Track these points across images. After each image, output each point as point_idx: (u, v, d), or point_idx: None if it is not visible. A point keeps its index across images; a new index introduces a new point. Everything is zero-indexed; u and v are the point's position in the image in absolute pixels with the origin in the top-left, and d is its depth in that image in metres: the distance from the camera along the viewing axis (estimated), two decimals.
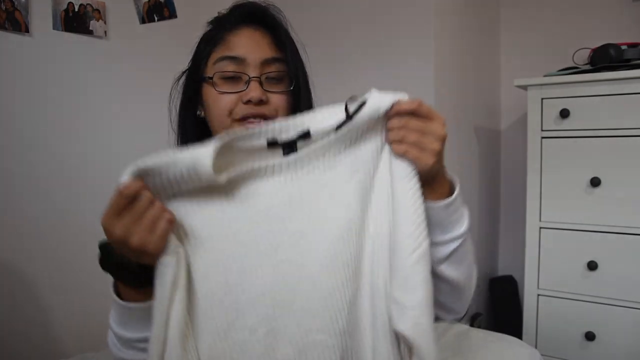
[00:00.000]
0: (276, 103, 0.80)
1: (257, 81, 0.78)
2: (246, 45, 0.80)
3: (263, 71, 0.79)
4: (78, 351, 1.47)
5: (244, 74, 0.79)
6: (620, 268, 1.63)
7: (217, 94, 0.79)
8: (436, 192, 0.70)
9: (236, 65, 0.79)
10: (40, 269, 1.49)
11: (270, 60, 0.80)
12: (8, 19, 1.40)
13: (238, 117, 0.78)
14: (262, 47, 0.80)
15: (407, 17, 1.83)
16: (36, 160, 1.49)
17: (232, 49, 0.80)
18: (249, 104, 0.78)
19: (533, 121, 1.76)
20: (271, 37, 0.82)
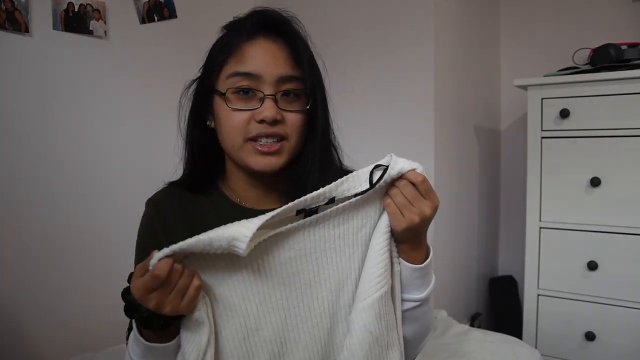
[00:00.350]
0: (291, 122, 0.77)
1: (272, 99, 0.75)
2: (262, 59, 0.75)
3: (279, 89, 0.76)
4: (78, 351, 1.47)
5: (259, 91, 0.75)
6: (620, 268, 1.64)
7: (230, 111, 0.76)
8: (408, 254, 0.73)
9: (250, 82, 0.75)
10: (40, 269, 1.49)
11: (286, 78, 0.76)
12: (8, 19, 1.40)
13: (251, 136, 0.76)
14: (278, 62, 0.76)
15: (407, 17, 1.83)
16: (36, 160, 1.49)
17: (246, 62, 0.75)
18: (262, 123, 0.75)
19: (533, 121, 1.76)
20: (289, 51, 0.78)
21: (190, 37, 1.85)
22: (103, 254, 1.62)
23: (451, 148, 1.94)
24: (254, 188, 0.85)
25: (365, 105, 1.91)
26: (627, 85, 1.59)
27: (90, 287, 1.60)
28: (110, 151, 1.66)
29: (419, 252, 0.74)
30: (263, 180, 0.84)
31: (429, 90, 1.80)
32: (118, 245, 1.60)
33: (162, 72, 1.78)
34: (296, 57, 0.78)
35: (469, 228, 2.14)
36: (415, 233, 0.71)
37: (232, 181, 0.86)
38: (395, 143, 1.87)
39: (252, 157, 0.77)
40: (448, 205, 1.93)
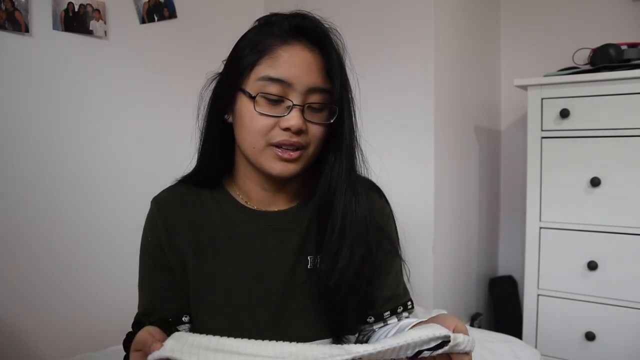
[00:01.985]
0: (312, 133, 0.77)
1: (299, 109, 0.75)
2: (296, 67, 0.74)
3: (307, 100, 0.75)
4: (78, 351, 1.47)
5: (288, 100, 0.75)
6: (620, 268, 1.64)
7: (256, 114, 0.75)
8: None
9: (281, 89, 0.74)
10: (40, 269, 1.49)
11: (316, 89, 0.76)
12: (8, 19, 1.40)
13: (274, 142, 0.75)
14: (312, 73, 0.75)
15: (407, 17, 1.83)
16: (36, 160, 1.49)
17: (279, 67, 0.74)
18: (287, 131, 0.74)
19: (533, 121, 1.76)
20: (323, 62, 0.77)
21: (190, 37, 1.85)
22: (103, 254, 1.62)
23: (451, 148, 1.94)
24: (263, 190, 0.85)
25: (365, 105, 1.90)
26: (627, 85, 1.59)
27: (91, 287, 1.60)
28: (110, 151, 1.66)
29: None
30: (274, 183, 0.84)
31: (429, 90, 1.80)
32: (119, 245, 1.61)
33: (162, 72, 1.78)
34: (329, 69, 0.77)
35: (469, 228, 2.14)
36: None
37: (241, 179, 0.86)
38: (396, 143, 1.88)
39: (271, 162, 0.77)
40: (448, 205, 1.93)
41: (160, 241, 0.83)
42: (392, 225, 0.91)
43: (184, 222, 0.83)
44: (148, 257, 0.84)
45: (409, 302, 0.91)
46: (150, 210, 0.86)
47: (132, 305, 0.86)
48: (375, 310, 0.87)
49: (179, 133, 1.80)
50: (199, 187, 0.86)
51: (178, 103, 1.79)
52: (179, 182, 0.88)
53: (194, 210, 0.84)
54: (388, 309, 0.87)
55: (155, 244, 0.83)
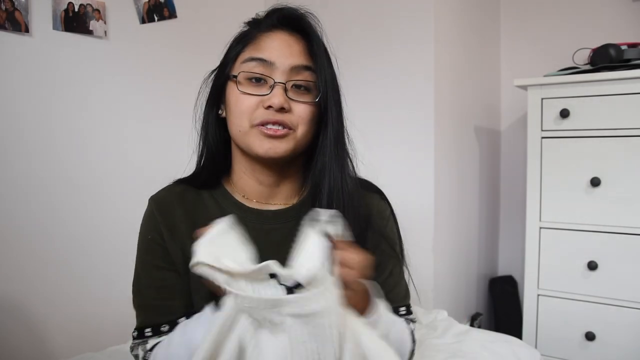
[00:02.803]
0: (298, 113, 0.77)
1: (282, 87, 0.76)
2: (277, 48, 0.77)
3: (290, 78, 0.77)
4: (78, 351, 1.47)
5: (270, 78, 0.76)
6: (620, 268, 1.64)
7: (239, 94, 0.77)
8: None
9: (263, 68, 0.76)
10: (40, 269, 1.49)
11: (299, 68, 0.77)
12: (8, 19, 1.40)
13: (257, 122, 0.76)
14: (293, 53, 0.78)
15: (407, 17, 1.83)
16: (36, 160, 1.49)
17: (262, 50, 0.77)
18: (269, 109, 0.75)
19: (533, 121, 1.76)
20: (305, 44, 0.79)
21: (190, 37, 1.85)
22: (103, 254, 1.62)
23: (451, 148, 1.94)
24: (260, 184, 0.85)
25: (365, 106, 1.91)
26: (627, 85, 1.59)
27: (91, 287, 1.60)
28: (110, 151, 1.66)
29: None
30: (270, 176, 0.84)
31: (429, 90, 1.80)
32: (119, 245, 1.60)
33: (162, 72, 1.78)
34: (311, 50, 0.79)
35: (469, 228, 2.14)
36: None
37: (237, 175, 0.86)
38: (395, 143, 1.88)
39: (257, 141, 0.77)
40: (448, 205, 1.93)
41: (162, 238, 0.82)
42: (391, 227, 0.90)
43: (183, 219, 0.83)
44: (150, 255, 0.83)
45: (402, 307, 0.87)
46: (148, 208, 0.86)
47: (132, 305, 0.86)
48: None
49: (179, 133, 1.79)
50: (198, 188, 0.87)
51: (178, 103, 1.79)
52: (176, 182, 0.89)
53: (193, 209, 0.84)
54: None
55: (157, 241, 0.83)
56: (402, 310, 0.87)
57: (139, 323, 0.83)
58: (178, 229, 0.82)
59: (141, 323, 0.82)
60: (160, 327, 0.81)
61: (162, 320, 0.81)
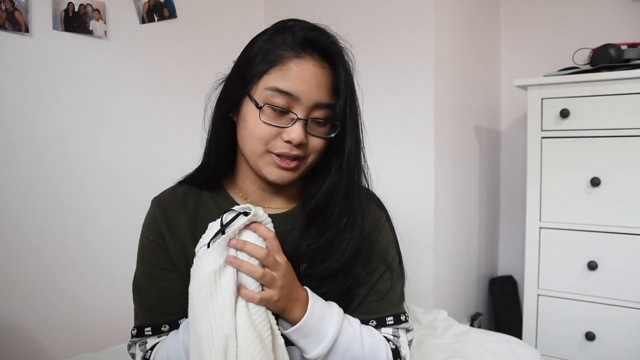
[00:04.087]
0: (313, 145, 0.78)
1: (302, 124, 0.76)
2: (305, 82, 0.75)
3: (311, 114, 0.77)
4: (78, 351, 1.47)
5: (292, 113, 0.76)
6: (620, 268, 1.64)
7: (260, 122, 0.76)
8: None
9: (287, 101, 0.75)
10: (40, 269, 1.49)
11: (322, 105, 0.77)
12: (8, 19, 1.40)
13: (274, 152, 0.77)
14: (320, 89, 0.76)
15: (407, 17, 1.83)
16: (36, 160, 1.49)
17: (288, 80, 0.75)
18: (288, 143, 0.76)
19: (533, 121, 1.76)
20: (332, 79, 0.77)
21: (190, 37, 1.85)
22: (104, 254, 1.62)
23: (451, 148, 1.94)
24: (262, 190, 0.86)
25: (365, 106, 1.90)
26: (627, 85, 1.59)
27: (91, 287, 1.60)
28: (110, 151, 1.66)
29: (292, 311, 0.76)
30: (272, 185, 0.85)
31: (429, 90, 1.80)
32: (119, 245, 1.60)
33: (162, 72, 1.78)
34: (337, 86, 0.78)
35: (469, 228, 2.14)
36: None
37: (240, 178, 0.87)
38: (395, 143, 1.88)
39: (268, 168, 0.78)
40: (448, 205, 1.93)
41: (164, 239, 0.83)
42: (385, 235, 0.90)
43: (184, 221, 0.83)
44: (151, 256, 0.84)
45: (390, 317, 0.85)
46: (150, 209, 0.86)
47: (132, 306, 0.86)
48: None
49: (178, 132, 1.80)
50: (200, 188, 0.87)
51: (178, 103, 1.80)
52: (179, 183, 0.89)
53: (195, 211, 0.85)
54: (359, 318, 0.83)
55: (158, 242, 0.83)
56: (389, 320, 0.85)
57: (139, 322, 0.83)
58: (179, 230, 0.83)
59: (141, 322, 0.83)
60: (160, 327, 0.81)
61: (162, 321, 0.82)
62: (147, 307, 0.83)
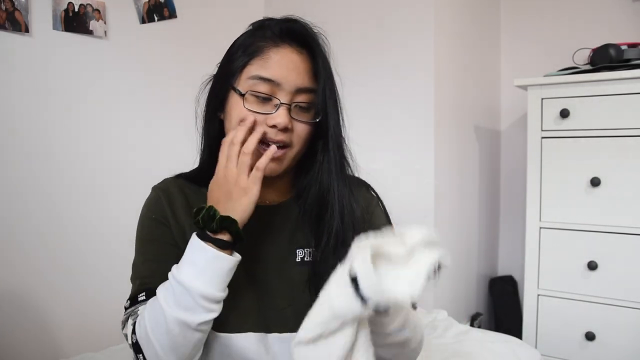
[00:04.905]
0: (298, 132, 0.80)
1: (286, 108, 0.78)
2: (285, 67, 0.78)
3: (294, 99, 0.79)
4: (78, 351, 1.47)
5: (276, 98, 0.78)
6: (620, 268, 1.63)
7: (245, 110, 0.78)
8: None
9: (270, 88, 0.78)
10: (39, 269, 1.49)
11: (304, 90, 0.79)
12: (8, 19, 1.40)
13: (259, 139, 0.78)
14: (299, 73, 0.79)
15: (407, 17, 1.83)
16: (36, 160, 1.49)
17: (269, 68, 0.78)
18: (273, 128, 0.77)
19: (533, 121, 1.76)
20: (310, 64, 0.81)
21: (190, 37, 1.85)
22: (103, 254, 1.62)
23: (451, 148, 1.94)
24: None
25: (365, 106, 1.91)
26: (627, 85, 1.59)
27: (90, 287, 1.60)
28: (110, 151, 1.66)
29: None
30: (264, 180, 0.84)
31: (429, 90, 1.80)
32: (119, 245, 1.60)
33: (162, 72, 1.78)
34: (316, 71, 0.80)
35: (469, 228, 2.13)
36: None
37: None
38: (396, 143, 1.88)
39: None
40: (448, 205, 1.93)
41: (166, 218, 0.83)
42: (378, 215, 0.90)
43: (184, 209, 0.84)
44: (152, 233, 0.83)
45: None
46: (152, 194, 0.87)
47: None
48: None
49: (178, 132, 1.79)
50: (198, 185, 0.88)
51: (178, 103, 1.79)
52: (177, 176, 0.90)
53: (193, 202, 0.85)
54: None
55: (161, 221, 0.83)
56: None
57: (133, 292, 0.80)
58: (179, 216, 0.84)
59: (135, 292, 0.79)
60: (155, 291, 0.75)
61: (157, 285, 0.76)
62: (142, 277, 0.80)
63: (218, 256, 0.71)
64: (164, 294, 0.72)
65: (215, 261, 0.71)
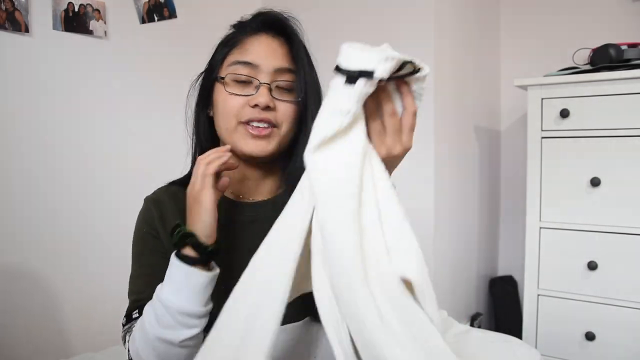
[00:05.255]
0: (282, 111, 0.81)
1: (267, 87, 0.80)
2: (262, 51, 0.81)
3: (274, 79, 0.81)
4: (78, 351, 1.48)
5: (255, 79, 0.80)
6: (620, 268, 1.63)
7: (227, 95, 0.81)
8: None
9: (249, 70, 0.80)
10: (39, 269, 1.49)
11: (282, 70, 0.81)
12: (8, 19, 1.40)
13: (244, 120, 0.80)
14: (277, 55, 0.82)
15: (407, 17, 1.83)
16: (36, 160, 1.49)
17: (247, 53, 0.81)
18: (255, 108, 0.79)
19: (533, 121, 1.76)
20: (288, 47, 0.83)
21: (190, 37, 1.85)
22: (102, 254, 1.62)
23: (451, 148, 1.94)
24: (247, 179, 0.88)
25: None
26: (627, 85, 1.59)
27: (90, 288, 1.60)
28: (110, 151, 1.66)
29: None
30: (256, 172, 0.87)
31: (429, 90, 1.79)
32: (117, 245, 1.60)
33: (162, 72, 1.78)
34: (294, 53, 0.83)
35: (469, 228, 2.13)
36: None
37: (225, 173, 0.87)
38: None
39: (243, 140, 0.81)
40: (448, 205, 1.93)
41: (157, 230, 0.84)
42: None
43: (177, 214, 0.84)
44: (144, 247, 0.85)
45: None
46: (144, 206, 0.88)
47: None
48: None
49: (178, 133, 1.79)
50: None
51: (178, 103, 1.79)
52: (169, 184, 0.91)
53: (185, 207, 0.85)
54: None
55: (152, 234, 0.85)
56: None
57: (128, 309, 0.82)
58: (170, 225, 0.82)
59: (130, 309, 0.82)
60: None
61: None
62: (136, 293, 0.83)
63: (191, 272, 0.71)
64: (148, 312, 0.73)
65: (190, 277, 0.71)
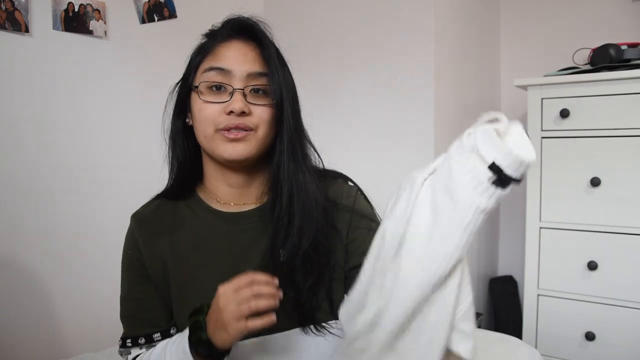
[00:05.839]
0: (258, 115, 0.81)
1: (240, 93, 0.79)
2: (234, 57, 0.81)
3: (247, 83, 0.80)
4: (78, 352, 1.48)
5: (229, 85, 0.80)
6: (620, 268, 1.63)
7: (202, 103, 0.81)
8: None
9: (222, 77, 0.80)
10: (40, 270, 1.49)
11: (255, 74, 0.81)
12: (8, 19, 1.40)
13: (221, 127, 0.79)
14: (249, 60, 0.82)
15: (407, 17, 1.83)
16: (37, 161, 1.49)
17: (219, 60, 0.81)
18: (231, 114, 0.79)
19: (533, 121, 1.76)
20: (259, 51, 0.83)
21: (190, 37, 1.84)
22: (103, 254, 1.62)
23: None
24: (231, 188, 0.87)
25: (365, 106, 1.91)
26: (627, 85, 1.59)
27: (90, 287, 1.60)
28: (110, 151, 1.66)
29: None
30: (238, 179, 0.86)
31: (429, 90, 1.80)
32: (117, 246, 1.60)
33: (162, 72, 1.78)
34: (265, 57, 0.83)
35: None
36: None
37: (209, 182, 0.89)
38: (396, 143, 1.87)
39: (221, 146, 0.80)
40: None
41: (141, 254, 0.86)
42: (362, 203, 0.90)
43: (161, 232, 0.86)
44: (130, 270, 0.88)
45: None
46: (129, 225, 0.90)
47: None
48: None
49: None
50: (175, 199, 0.90)
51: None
52: (154, 197, 0.92)
53: (170, 221, 0.87)
54: None
55: (136, 256, 0.86)
56: None
57: (123, 334, 0.87)
58: (157, 242, 0.86)
59: (124, 334, 0.87)
60: (138, 340, 0.85)
61: (141, 333, 0.85)
62: (128, 318, 0.88)
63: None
64: None
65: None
